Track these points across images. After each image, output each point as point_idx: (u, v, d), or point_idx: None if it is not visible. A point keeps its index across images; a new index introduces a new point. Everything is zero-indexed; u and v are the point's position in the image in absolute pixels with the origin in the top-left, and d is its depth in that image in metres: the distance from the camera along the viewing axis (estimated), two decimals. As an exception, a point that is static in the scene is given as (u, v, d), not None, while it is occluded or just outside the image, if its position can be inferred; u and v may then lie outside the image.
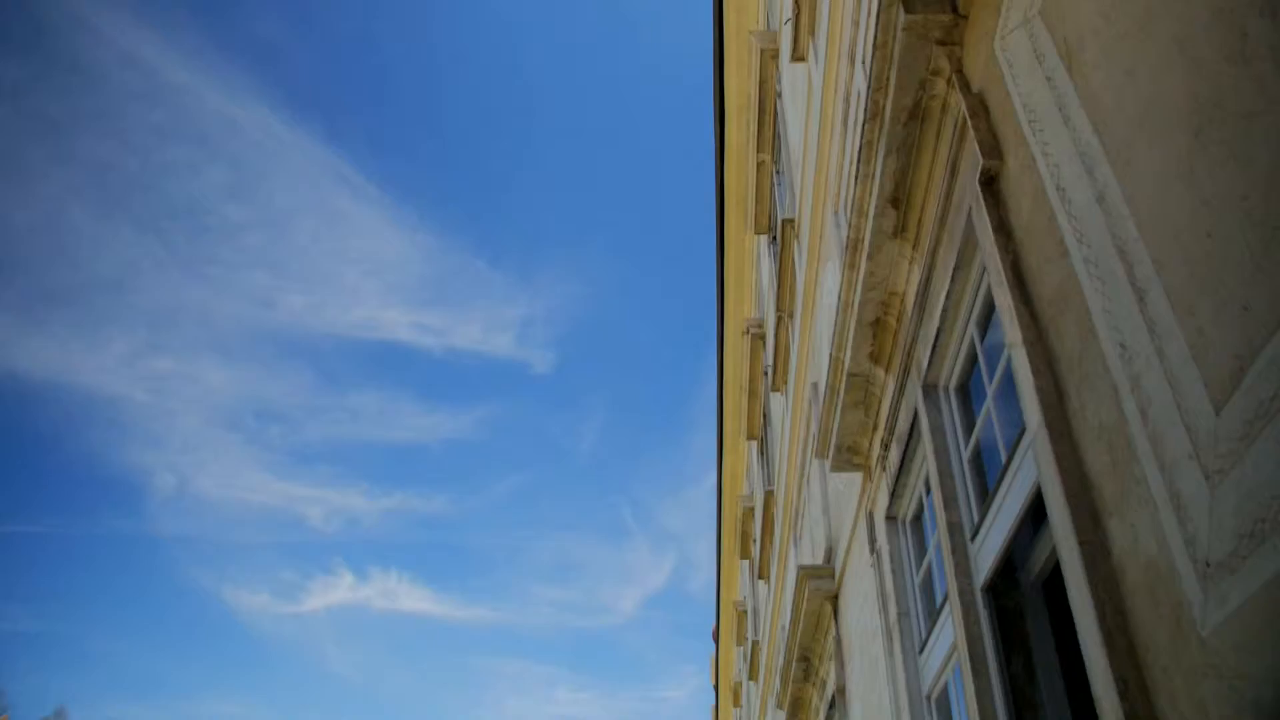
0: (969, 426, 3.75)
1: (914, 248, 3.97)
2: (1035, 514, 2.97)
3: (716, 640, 26.71)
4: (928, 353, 3.86)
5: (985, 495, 3.51)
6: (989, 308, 3.32)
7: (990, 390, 3.34)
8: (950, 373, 3.86)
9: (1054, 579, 3.11)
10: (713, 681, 29.72)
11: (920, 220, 3.85)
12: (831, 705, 7.16)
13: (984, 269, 3.18)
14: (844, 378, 4.80)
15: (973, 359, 3.66)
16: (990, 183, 2.91)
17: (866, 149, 3.85)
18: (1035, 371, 2.49)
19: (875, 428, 4.99)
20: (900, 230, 4.00)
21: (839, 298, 4.71)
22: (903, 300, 4.26)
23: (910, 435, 4.28)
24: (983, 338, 3.46)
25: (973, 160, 3.00)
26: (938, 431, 3.89)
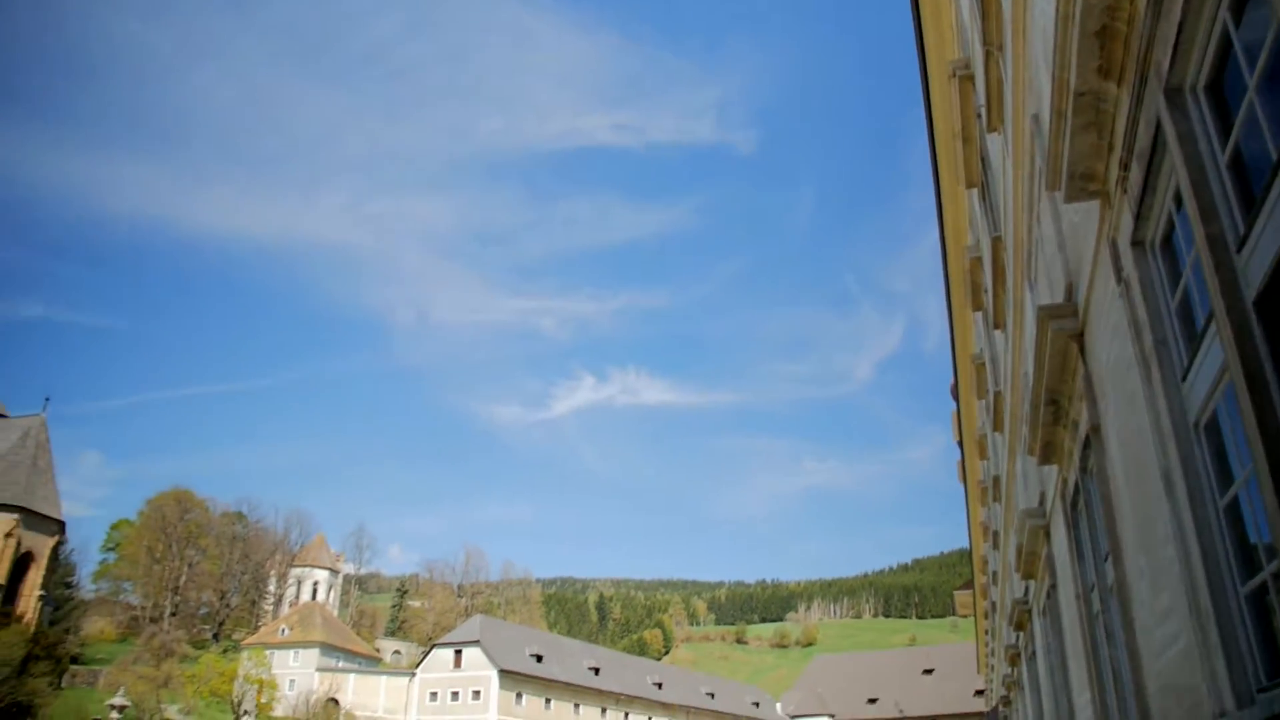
0: (1225, 129, 3.36)
1: (1142, -65, 3.50)
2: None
3: (956, 397, 26.50)
4: (1168, 55, 3.44)
5: (1251, 202, 3.16)
6: (1243, -14, 2.90)
7: (1251, 83, 2.95)
8: (1198, 72, 3.44)
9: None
10: (956, 438, 29.71)
11: (1147, -99, 3.37)
12: (1085, 445, 6.98)
13: (1233, -59, 2.75)
14: (1070, 99, 4.39)
15: (1224, 53, 3.23)
16: None
17: None
18: (1311, 46, 2.16)
19: (1111, 149, 4.57)
20: (1123, -82, 3.52)
21: (1056, 11, 4.26)
22: (1131, 1, 3.79)
23: (1153, 149, 3.89)
24: (1237, 24, 3.04)
25: None
26: (1187, 139, 3.51)
